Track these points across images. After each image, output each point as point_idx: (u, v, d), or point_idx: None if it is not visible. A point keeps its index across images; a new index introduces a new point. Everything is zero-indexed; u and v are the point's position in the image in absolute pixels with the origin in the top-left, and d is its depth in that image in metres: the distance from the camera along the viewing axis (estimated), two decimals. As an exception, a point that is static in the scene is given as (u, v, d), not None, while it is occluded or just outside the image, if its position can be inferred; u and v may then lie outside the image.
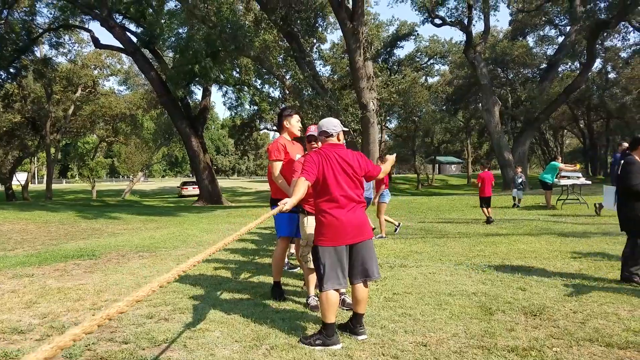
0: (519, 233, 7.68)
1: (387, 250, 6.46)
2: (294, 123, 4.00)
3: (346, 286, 3.08)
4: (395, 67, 39.76)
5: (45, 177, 37.34)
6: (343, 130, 3.20)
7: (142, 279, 5.07)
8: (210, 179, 23.24)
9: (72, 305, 4.01)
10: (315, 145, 3.64)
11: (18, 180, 34.84)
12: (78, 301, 4.17)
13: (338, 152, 3.06)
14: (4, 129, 29.36)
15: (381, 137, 47.35)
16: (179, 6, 18.46)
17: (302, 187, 2.84)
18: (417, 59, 41.87)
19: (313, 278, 3.68)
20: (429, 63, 43.46)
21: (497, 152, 27.47)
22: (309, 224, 3.60)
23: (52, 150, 32.96)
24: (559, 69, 34.12)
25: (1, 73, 23.90)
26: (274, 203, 4.13)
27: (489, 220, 9.23)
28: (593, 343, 2.92)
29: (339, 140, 3.15)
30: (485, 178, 9.62)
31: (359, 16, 16.52)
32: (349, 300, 3.79)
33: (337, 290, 2.99)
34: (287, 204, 2.70)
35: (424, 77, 44.20)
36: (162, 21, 19.91)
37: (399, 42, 37.28)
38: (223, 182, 55.20)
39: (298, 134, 4.01)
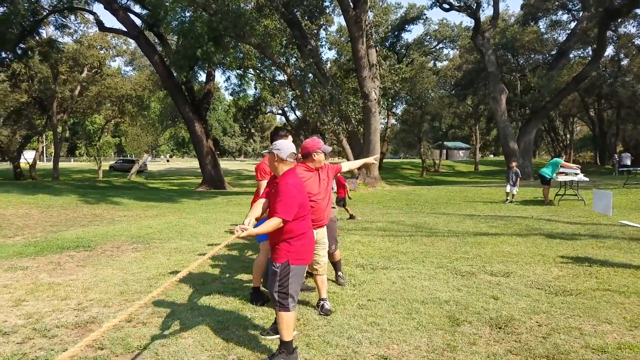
0: (507, 233, 7.74)
1: (373, 249, 6.56)
2: None
3: None
4: (403, 51, 39.32)
5: (53, 155, 37.78)
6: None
7: (130, 276, 5.23)
8: (213, 163, 23.42)
9: (58, 305, 4.17)
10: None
11: (26, 159, 35.30)
12: (65, 300, 4.33)
13: (299, 174, 3.16)
14: (12, 108, 29.70)
15: (387, 121, 47.18)
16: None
17: (275, 224, 2.88)
18: (426, 43, 41.38)
19: (324, 284, 4.03)
20: (437, 47, 42.98)
21: (503, 141, 27.29)
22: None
23: (59, 129, 33.28)
24: (571, 56, 33.51)
25: (8, 54, 24.03)
26: None
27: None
28: (549, 360, 3.03)
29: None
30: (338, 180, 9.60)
31: (362, 3, 16.32)
32: (327, 306, 3.93)
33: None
34: (245, 231, 2.77)
35: (432, 62, 43.72)
36: (166, 3, 19.75)
37: (407, 26, 36.80)
38: (229, 164, 55.54)
39: None
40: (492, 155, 79.11)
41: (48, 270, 5.57)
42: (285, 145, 3.10)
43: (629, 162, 23.93)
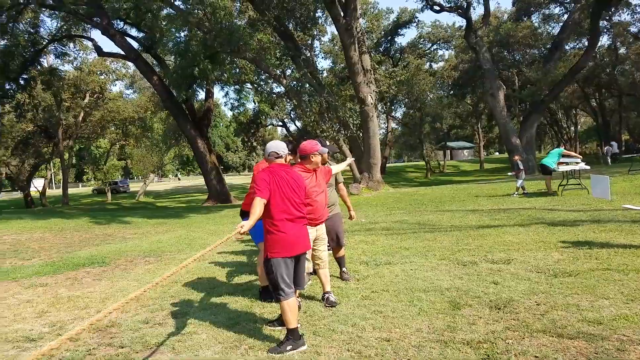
0: (509, 224, 7.85)
1: (377, 247, 6.71)
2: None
3: (295, 294, 3.38)
4: (397, 54, 39.65)
5: (61, 182, 38.28)
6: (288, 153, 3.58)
7: (144, 285, 5.41)
8: (218, 178, 23.72)
9: (79, 314, 4.41)
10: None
11: (35, 187, 35.72)
12: (85, 309, 4.57)
13: (286, 171, 3.39)
14: (19, 138, 30.15)
15: (387, 126, 47.37)
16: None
17: (259, 206, 3.12)
18: (420, 46, 41.68)
19: (327, 277, 4.21)
20: (432, 49, 43.26)
21: (504, 137, 27.40)
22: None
23: (66, 156, 33.73)
24: (567, 47, 33.64)
25: (12, 85, 24.52)
26: (244, 215, 4.44)
27: None
28: (545, 334, 3.16)
29: (286, 161, 3.47)
30: None
31: (352, 11, 16.63)
32: (332, 298, 4.10)
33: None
34: (244, 226, 2.97)
35: (428, 63, 44.00)
36: (162, 25, 20.22)
37: (400, 30, 37.16)
38: (234, 179, 55.83)
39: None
40: (497, 153, 79.03)
41: (66, 285, 5.82)
42: (268, 146, 3.47)
43: (617, 151, 24.22)
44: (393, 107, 43.20)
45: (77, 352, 3.37)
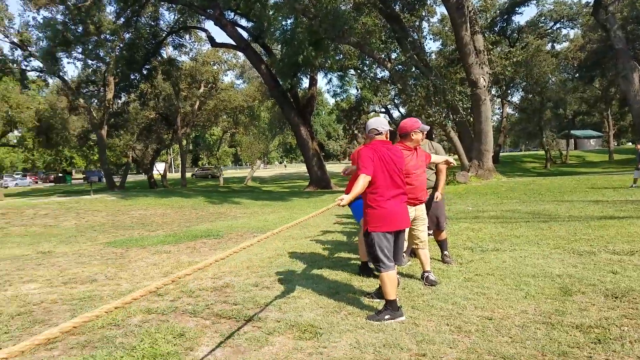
0: (637, 215, 6.99)
1: (484, 234, 6.42)
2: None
3: (394, 267, 3.39)
4: (515, 35, 36.81)
5: (180, 166, 42.21)
6: (390, 130, 3.52)
7: (254, 256, 5.87)
8: (319, 165, 24.36)
9: (198, 275, 4.88)
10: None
11: (157, 170, 39.88)
12: (203, 271, 5.05)
13: (388, 147, 3.40)
14: (142, 125, 33.57)
15: (503, 111, 44.33)
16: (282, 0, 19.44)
17: (362, 182, 3.19)
18: (541, 25, 38.15)
19: (427, 257, 4.14)
20: (555, 28, 39.34)
21: (638, 125, 24.21)
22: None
23: (184, 142, 36.95)
24: None
25: (136, 75, 27.44)
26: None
27: None
28: (671, 325, 2.83)
29: (386, 137, 3.47)
30: None
31: (463, -12, 15.77)
32: (432, 277, 4.08)
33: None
34: (344, 199, 3.09)
35: (550, 44, 40.16)
36: (270, 14, 21.10)
37: (517, 8, 34.34)
38: (334, 167, 56.85)
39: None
40: (630, 143, 69.65)
41: (187, 253, 6.56)
42: (369, 122, 3.53)
43: None
44: (509, 92, 40.21)
45: (197, 306, 3.79)
